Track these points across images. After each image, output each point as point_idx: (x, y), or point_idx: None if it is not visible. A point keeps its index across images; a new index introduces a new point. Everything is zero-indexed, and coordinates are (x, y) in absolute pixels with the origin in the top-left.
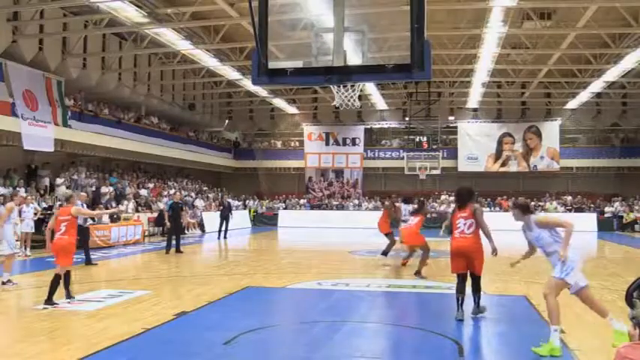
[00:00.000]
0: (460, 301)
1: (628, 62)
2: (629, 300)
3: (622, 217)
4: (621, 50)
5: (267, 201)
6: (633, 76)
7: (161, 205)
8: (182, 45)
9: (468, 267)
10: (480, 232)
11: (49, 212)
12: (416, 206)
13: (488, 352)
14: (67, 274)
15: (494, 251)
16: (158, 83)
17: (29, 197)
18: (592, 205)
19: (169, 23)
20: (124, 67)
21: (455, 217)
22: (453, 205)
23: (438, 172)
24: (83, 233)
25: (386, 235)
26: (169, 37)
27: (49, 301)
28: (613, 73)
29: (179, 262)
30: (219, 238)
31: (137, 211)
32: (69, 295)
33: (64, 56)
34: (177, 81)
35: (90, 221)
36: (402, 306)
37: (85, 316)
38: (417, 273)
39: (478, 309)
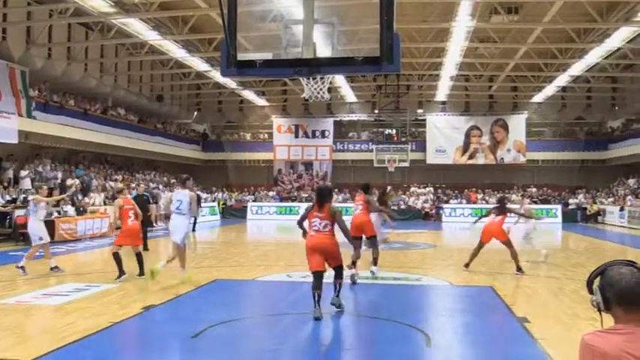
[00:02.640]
0: (317, 298)
1: (592, 57)
2: (590, 287)
3: (586, 208)
4: (586, 45)
5: (236, 193)
6: (597, 70)
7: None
8: (150, 35)
9: (324, 264)
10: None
11: (13, 205)
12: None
13: (454, 342)
14: None
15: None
16: (125, 74)
17: None
18: (557, 197)
19: (137, 13)
20: (90, 57)
21: (311, 215)
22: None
23: (406, 164)
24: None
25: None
26: (137, 27)
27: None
28: (578, 68)
29: (147, 255)
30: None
31: (104, 203)
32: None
33: (28, 46)
34: (144, 72)
35: (55, 214)
36: (371, 298)
37: (50, 311)
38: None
39: (338, 298)
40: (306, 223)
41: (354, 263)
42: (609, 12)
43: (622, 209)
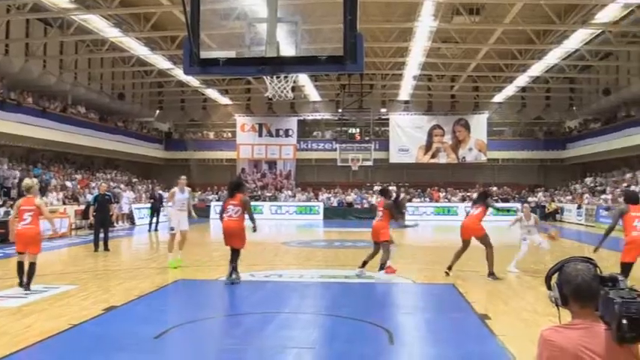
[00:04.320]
0: (231, 269)
1: (551, 58)
2: (548, 283)
3: (545, 206)
4: (545, 46)
5: (199, 193)
6: (556, 71)
7: (89, 197)
8: (111, 32)
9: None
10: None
11: None
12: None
13: (417, 340)
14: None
15: (255, 229)
16: (86, 71)
17: None
18: (517, 196)
19: (97, 10)
20: (49, 54)
21: (227, 204)
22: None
23: (370, 163)
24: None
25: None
26: (97, 24)
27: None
28: (537, 68)
29: (108, 255)
30: (149, 230)
31: (64, 203)
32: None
33: None
34: (105, 69)
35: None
36: (334, 296)
37: (8, 313)
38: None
39: (231, 277)
40: None
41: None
42: (567, 14)
43: (579, 207)
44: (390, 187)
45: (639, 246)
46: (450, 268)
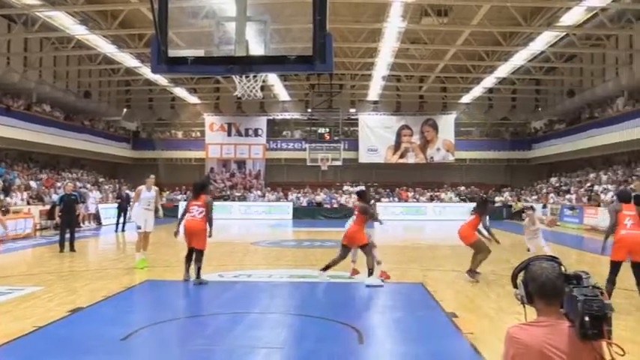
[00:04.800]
0: (187, 266)
1: (517, 59)
2: (514, 281)
3: (511, 206)
4: (511, 48)
5: (167, 192)
6: (522, 73)
7: (54, 197)
8: (77, 30)
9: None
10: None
11: None
12: None
13: (386, 338)
14: None
15: (210, 234)
16: (51, 69)
17: None
18: (484, 195)
19: (63, 6)
20: (12, 51)
21: (191, 204)
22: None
23: (339, 163)
24: None
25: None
26: (63, 21)
27: None
28: (504, 70)
29: (74, 256)
30: (116, 230)
31: (28, 203)
32: None
33: None
34: (71, 67)
35: None
36: (303, 296)
37: None
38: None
39: (198, 279)
40: None
41: (328, 267)
42: (533, 17)
43: (545, 206)
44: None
45: (628, 244)
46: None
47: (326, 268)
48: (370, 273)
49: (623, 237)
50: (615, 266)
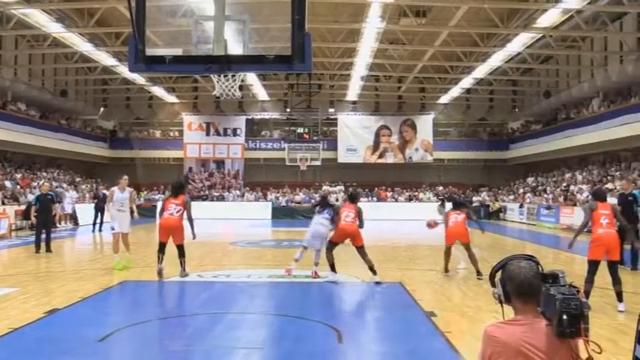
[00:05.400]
0: (160, 258)
1: (495, 60)
2: (492, 280)
3: (489, 206)
4: (489, 49)
5: (145, 192)
6: (499, 74)
7: (30, 197)
8: (53, 28)
9: (169, 238)
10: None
11: None
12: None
13: (365, 337)
14: None
15: (194, 236)
16: (26, 67)
17: None
18: (462, 195)
19: (38, 4)
20: None
21: (169, 202)
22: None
23: (318, 163)
24: None
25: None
26: (39, 18)
27: None
28: (481, 71)
29: (50, 257)
30: (93, 231)
31: (3, 203)
32: None
33: None
34: (47, 65)
35: None
36: (282, 296)
37: None
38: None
39: (184, 272)
40: None
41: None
42: (510, 18)
43: (521, 206)
44: (336, 187)
45: (605, 243)
46: (478, 272)
47: (332, 268)
48: (375, 272)
49: (601, 236)
50: (593, 265)
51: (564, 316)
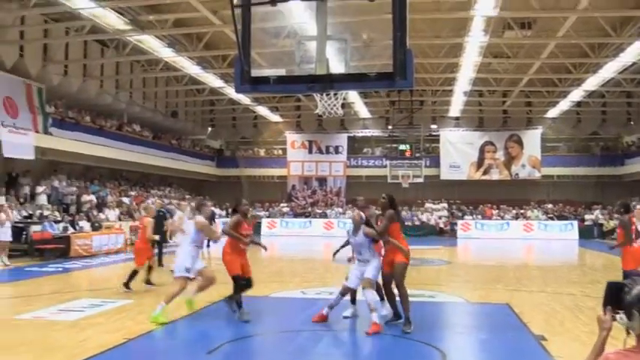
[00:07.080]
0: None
1: (607, 71)
2: (629, 310)
3: (602, 224)
4: (600, 60)
5: (250, 209)
6: (612, 85)
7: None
8: (164, 52)
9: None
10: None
11: (29, 221)
12: None
13: (471, 359)
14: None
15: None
16: (140, 90)
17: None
18: (573, 213)
19: (152, 30)
20: (105, 74)
21: (243, 228)
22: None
23: (420, 180)
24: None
25: None
26: (152, 44)
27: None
28: (592, 83)
29: (162, 271)
30: (203, 246)
31: (119, 219)
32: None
33: (44, 63)
34: (159, 88)
35: (70, 230)
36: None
37: (65, 326)
38: None
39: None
40: None
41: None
42: (623, 27)
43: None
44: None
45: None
46: None
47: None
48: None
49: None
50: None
51: None
